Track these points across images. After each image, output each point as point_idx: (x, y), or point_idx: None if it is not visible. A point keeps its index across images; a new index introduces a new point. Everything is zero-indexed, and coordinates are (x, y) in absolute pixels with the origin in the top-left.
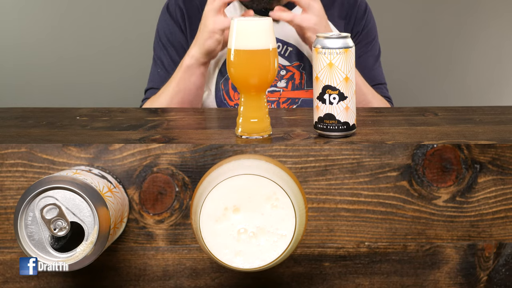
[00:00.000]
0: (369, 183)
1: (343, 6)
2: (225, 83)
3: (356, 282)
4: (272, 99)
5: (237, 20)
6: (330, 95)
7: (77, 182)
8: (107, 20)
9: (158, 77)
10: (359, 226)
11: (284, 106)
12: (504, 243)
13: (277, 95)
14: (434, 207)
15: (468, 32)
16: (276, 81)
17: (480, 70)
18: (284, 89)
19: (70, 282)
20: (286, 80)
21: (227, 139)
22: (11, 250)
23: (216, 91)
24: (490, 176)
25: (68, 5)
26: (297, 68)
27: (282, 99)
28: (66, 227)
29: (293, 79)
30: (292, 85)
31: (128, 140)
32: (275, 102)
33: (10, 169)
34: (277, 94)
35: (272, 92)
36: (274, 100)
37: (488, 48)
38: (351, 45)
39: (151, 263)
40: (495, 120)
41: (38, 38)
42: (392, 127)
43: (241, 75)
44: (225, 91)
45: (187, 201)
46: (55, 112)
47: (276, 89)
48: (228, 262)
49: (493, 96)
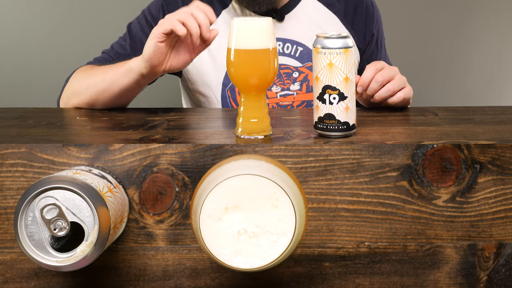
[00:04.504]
0: (369, 183)
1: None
2: (231, 90)
3: (356, 282)
4: (286, 103)
5: (237, 20)
6: (330, 95)
7: (77, 182)
8: (107, 20)
9: (119, 48)
10: (359, 226)
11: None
12: (504, 243)
13: (290, 99)
14: (434, 207)
15: (468, 32)
16: (289, 84)
17: (480, 70)
18: (298, 92)
19: (70, 282)
20: (299, 82)
21: (227, 139)
22: (11, 250)
23: (222, 98)
24: (490, 176)
25: (68, 5)
26: (310, 68)
27: (297, 103)
28: (66, 227)
29: (306, 80)
30: (306, 87)
31: (128, 140)
32: (289, 106)
33: (10, 169)
34: (291, 98)
35: (285, 96)
36: (288, 104)
37: (488, 48)
38: (351, 45)
39: (151, 263)
40: (495, 120)
41: (38, 38)
42: (392, 127)
43: (241, 75)
44: (232, 98)
45: (187, 201)
46: (55, 112)
47: (290, 93)
48: (228, 262)
49: (493, 96)
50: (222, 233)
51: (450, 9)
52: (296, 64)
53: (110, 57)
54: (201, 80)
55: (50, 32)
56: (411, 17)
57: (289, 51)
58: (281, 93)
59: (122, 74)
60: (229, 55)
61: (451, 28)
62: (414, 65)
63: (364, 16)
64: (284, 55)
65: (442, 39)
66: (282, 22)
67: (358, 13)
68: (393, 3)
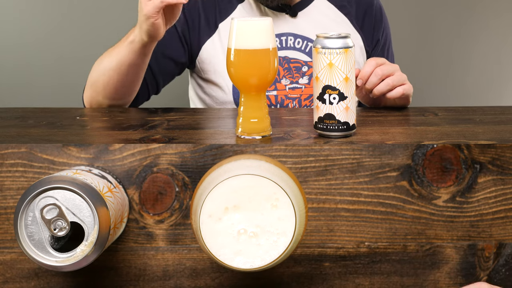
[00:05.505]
0: (369, 183)
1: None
2: None
3: (356, 282)
4: (294, 96)
5: (237, 20)
6: (330, 95)
7: (77, 182)
8: (107, 20)
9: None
10: (359, 226)
11: (306, 103)
12: (504, 243)
13: (298, 92)
14: (434, 207)
15: (468, 32)
16: (298, 78)
17: (480, 70)
18: (306, 85)
19: (70, 282)
20: (308, 76)
21: (227, 139)
22: (11, 250)
23: (234, 88)
24: (490, 176)
25: (68, 5)
26: None
27: (304, 96)
28: (66, 227)
29: None
30: None
31: (128, 140)
32: (297, 99)
33: (10, 169)
34: (299, 91)
35: (294, 89)
36: (295, 97)
37: (488, 49)
38: (351, 45)
39: (151, 263)
40: (495, 120)
41: (38, 38)
42: (392, 127)
43: (241, 75)
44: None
45: (187, 201)
46: (55, 112)
47: (298, 86)
48: (228, 262)
49: (493, 96)
50: (222, 233)
51: (451, 10)
52: (306, 58)
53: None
54: (214, 70)
55: (50, 32)
56: (411, 17)
57: (300, 45)
58: (290, 86)
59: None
60: (229, 55)
61: (451, 28)
62: (414, 65)
63: (372, 20)
64: (295, 50)
65: (442, 39)
66: (295, 18)
67: (368, 17)
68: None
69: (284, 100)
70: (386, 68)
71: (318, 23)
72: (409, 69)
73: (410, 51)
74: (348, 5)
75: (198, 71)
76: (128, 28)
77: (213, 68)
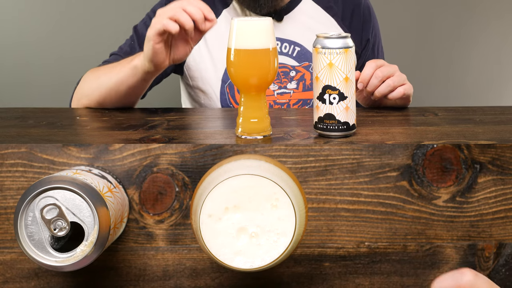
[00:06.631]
0: (369, 183)
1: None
2: (230, 87)
3: (356, 282)
4: (282, 101)
5: (237, 20)
6: (330, 95)
7: (77, 182)
8: (106, 19)
9: (128, 48)
10: (359, 226)
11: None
12: (504, 243)
13: (287, 97)
14: (434, 207)
15: (468, 33)
16: (286, 83)
17: (480, 70)
18: (294, 90)
19: (70, 282)
20: (296, 81)
21: (227, 139)
22: (11, 250)
23: (221, 94)
24: (490, 176)
25: (67, 4)
26: (306, 68)
27: (293, 101)
28: (66, 227)
29: (303, 79)
30: (303, 86)
31: (128, 140)
32: (285, 104)
33: (10, 169)
34: (288, 96)
35: (282, 94)
36: (284, 102)
37: (488, 49)
38: (351, 45)
39: (151, 263)
40: (495, 120)
41: (38, 37)
42: (392, 127)
43: (241, 75)
44: (231, 94)
45: (187, 201)
46: (55, 112)
47: (286, 91)
48: (228, 262)
49: (493, 96)
50: (222, 233)
51: (451, 10)
52: (294, 63)
53: (120, 57)
54: (201, 76)
55: (49, 31)
56: (411, 17)
57: (286, 50)
58: (278, 91)
59: (128, 73)
60: (229, 55)
61: (452, 29)
62: (415, 65)
63: (361, 20)
64: (282, 54)
65: (442, 40)
66: (281, 22)
67: (355, 17)
68: (394, 4)
69: (273, 105)
70: (386, 70)
71: (305, 26)
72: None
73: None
74: (335, 5)
75: (187, 78)
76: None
77: (200, 75)
